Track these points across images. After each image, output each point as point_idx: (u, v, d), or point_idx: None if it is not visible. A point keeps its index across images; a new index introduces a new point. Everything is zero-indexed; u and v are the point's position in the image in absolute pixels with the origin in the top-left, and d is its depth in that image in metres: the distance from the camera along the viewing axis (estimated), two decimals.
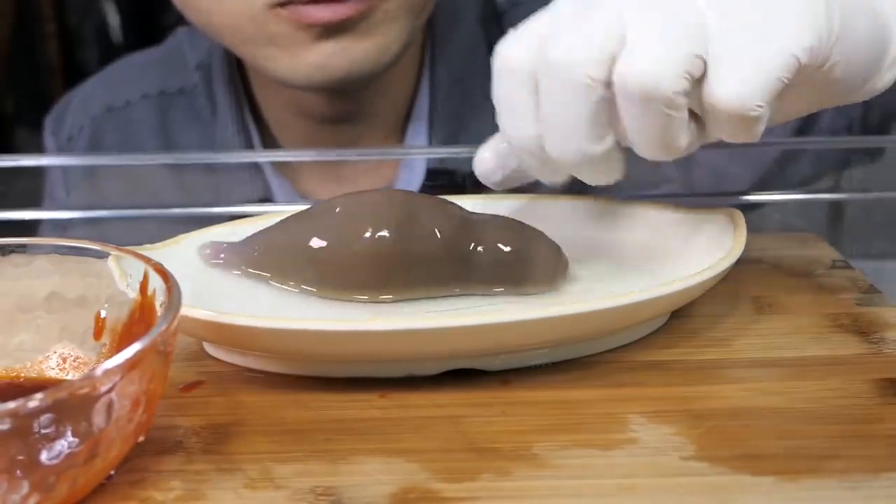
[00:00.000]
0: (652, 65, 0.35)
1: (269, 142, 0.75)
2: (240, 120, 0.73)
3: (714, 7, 0.36)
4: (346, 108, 0.70)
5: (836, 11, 0.36)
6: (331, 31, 0.58)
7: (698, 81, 0.36)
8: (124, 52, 0.84)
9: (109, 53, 1.72)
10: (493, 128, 0.43)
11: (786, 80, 0.35)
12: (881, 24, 0.39)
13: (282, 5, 0.57)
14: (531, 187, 0.47)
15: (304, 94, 0.68)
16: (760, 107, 0.35)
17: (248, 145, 0.73)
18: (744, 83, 0.35)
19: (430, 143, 0.71)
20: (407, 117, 0.73)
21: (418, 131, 0.73)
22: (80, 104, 0.80)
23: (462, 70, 0.72)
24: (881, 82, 0.40)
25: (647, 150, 0.38)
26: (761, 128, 0.37)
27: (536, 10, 0.40)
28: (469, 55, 0.72)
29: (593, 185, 0.41)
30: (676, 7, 0.36)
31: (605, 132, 0.38)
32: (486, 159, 0.45)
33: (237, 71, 0.74)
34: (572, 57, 0.37)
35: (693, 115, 0.38)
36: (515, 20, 0.72)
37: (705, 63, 0.36)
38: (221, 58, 0.73)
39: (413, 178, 0.71)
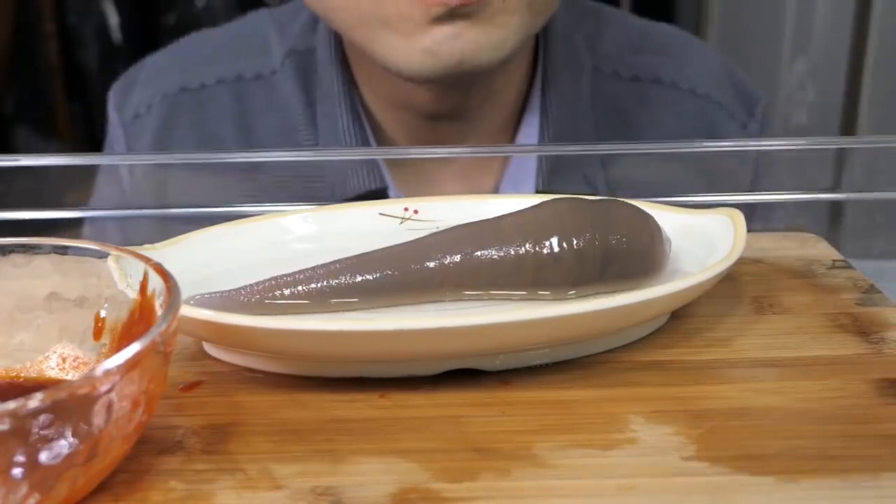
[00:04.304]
0: None
1: (380, 134, 0.71)
2: (353, 112, 0.70)
3: None
4: (453, 105, 0.67)
5: None
6: (447, 15, 0.57)
7: None
8: (124, 53, 0.83)
9: (109, 53, 1.72)
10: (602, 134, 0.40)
11: None
12: None
13: None
14: None
15: (412, 88, 0.65)
16: None
17: (363, 137, 0.70)
18: None
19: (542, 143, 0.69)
20: (518, 118, 0.70)
21: (529, 133, 0.70)
22: (148, 80, 0.76)
23: (574, 72, 0.70)
24: None
25: None
26: None
27: (629, 23, 0.38)
28: (578, 60, 0.70)
29: None
30: None
31: None
32: None
33: (343, 63, 0.71)
34: None
35: None
36: (612, 35, 0.69)
37: None
38: (327, 47, 0.70)
39: (522, 178, 0.68)
